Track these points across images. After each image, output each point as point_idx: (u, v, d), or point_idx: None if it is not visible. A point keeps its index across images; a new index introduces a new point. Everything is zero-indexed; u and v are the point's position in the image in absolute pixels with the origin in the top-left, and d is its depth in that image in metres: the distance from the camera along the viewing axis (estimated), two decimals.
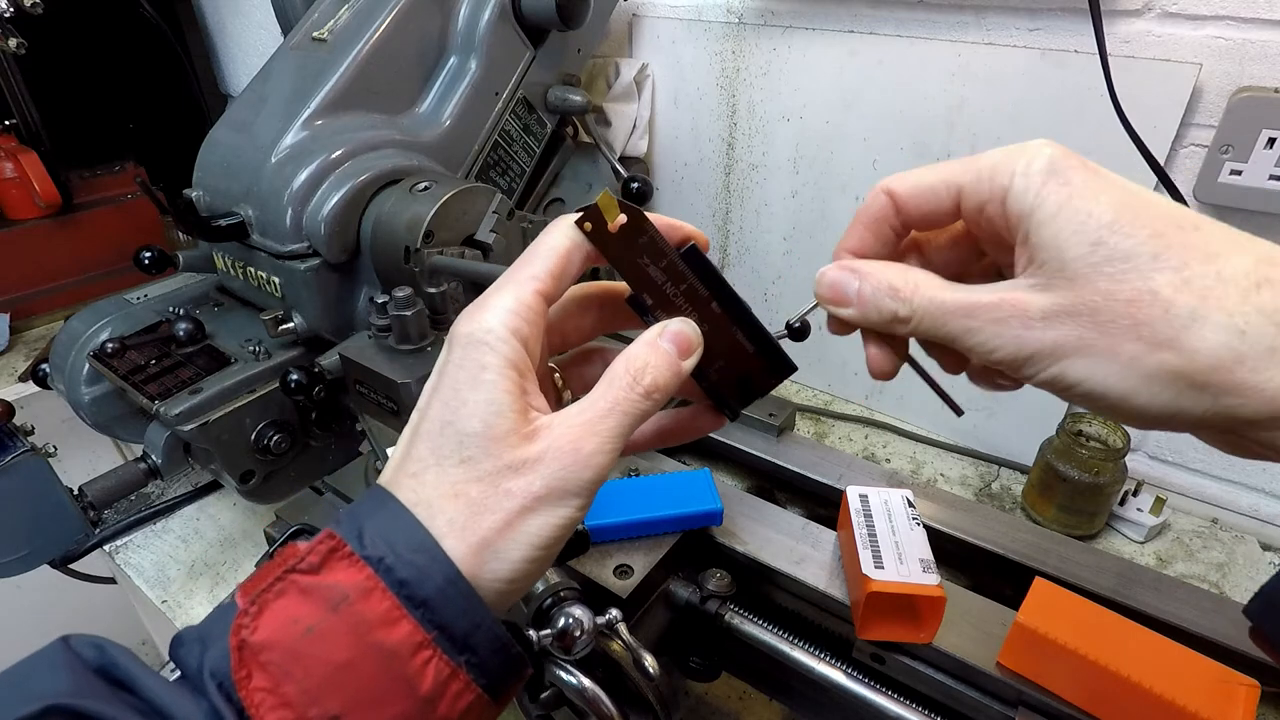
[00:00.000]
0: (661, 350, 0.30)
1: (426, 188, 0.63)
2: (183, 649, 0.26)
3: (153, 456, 0.65)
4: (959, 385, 0.33)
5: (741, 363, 0.32)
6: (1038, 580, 0.48)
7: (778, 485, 0.71)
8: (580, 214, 0.30)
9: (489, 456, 0.27)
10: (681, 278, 0.31)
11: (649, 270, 0.30)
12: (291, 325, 0.66)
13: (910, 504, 0.52)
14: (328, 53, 0.70)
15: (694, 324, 0.31)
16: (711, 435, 0.72)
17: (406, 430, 0.29)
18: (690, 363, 0.30)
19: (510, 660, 0.28)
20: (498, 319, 0.28)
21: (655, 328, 0.31)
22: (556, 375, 0.35)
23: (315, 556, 0.26)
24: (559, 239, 0.30)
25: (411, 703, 0.25)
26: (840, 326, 0.32)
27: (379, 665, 0.25)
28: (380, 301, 0.53)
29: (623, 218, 0.29)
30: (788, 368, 0.33)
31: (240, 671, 0.24)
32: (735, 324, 0.32)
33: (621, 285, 0.33)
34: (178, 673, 0.27)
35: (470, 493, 0.27)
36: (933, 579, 0.46)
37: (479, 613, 0.26)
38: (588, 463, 0.27)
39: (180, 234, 1.25)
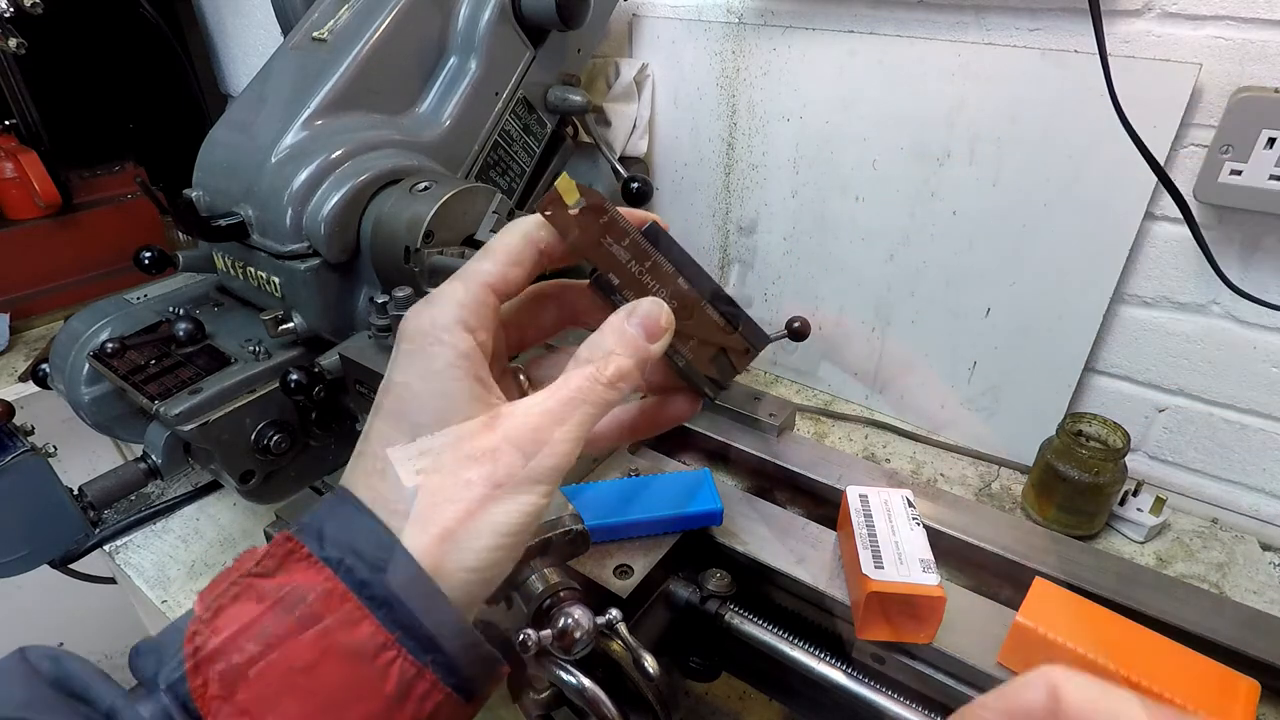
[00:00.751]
0: (628, 336, 0.29)
1: (426, 188, 0.63)
2: (140, 659, 0.26)
3: (153, 456, 0.65)
4: None
5: (715, 339, 0.32)
6: (1038, 580, 0.48)
7: (778, 485, 0.71)
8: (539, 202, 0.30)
9: (446, 446, 0.27)
10: (645, 255, 0.30)
11: (613, 249, 0.30)
12: (291, 325, 0.66)
13: (910, 504, 0.52)
14: (328, 53, 0.70)
15: (663, 302, 0.30)
16: (712, 435, 0.72)
17: (364, 429, 0.29)
18: (660, 345, 0.30)
19: (482, 659, 0.27)
20: (444, 312, 0.28)
21: (623, 310, 0.30)
22: (522, 377, 0.34)
23: (271, 560, 0.26)
24: (510, 235, 0.30)
25: (376, 704, 0.24)
26: None
27: (340, 668, 0.24)
28: (380, 301, 0.53)
29: (582, 201, 0.29)
30: (762, 339, 0.33)
31: (195, 680, 0.24)
32: (705, 299, 0.31)
33: (580, 282, 0.33)
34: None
35: (429, 484, 0.26)
36: (933, 579, 0.46)
37: (443, 611, 0.26)
38: (551, 450, 0.27)
39: (180, 234, 1.25)
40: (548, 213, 0.29)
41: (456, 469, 0.26)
